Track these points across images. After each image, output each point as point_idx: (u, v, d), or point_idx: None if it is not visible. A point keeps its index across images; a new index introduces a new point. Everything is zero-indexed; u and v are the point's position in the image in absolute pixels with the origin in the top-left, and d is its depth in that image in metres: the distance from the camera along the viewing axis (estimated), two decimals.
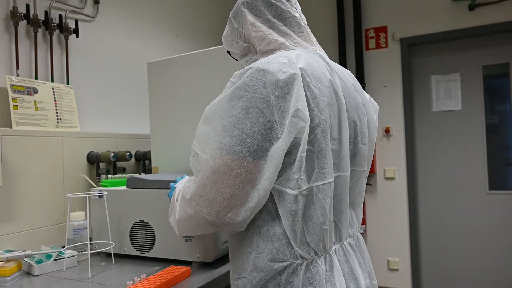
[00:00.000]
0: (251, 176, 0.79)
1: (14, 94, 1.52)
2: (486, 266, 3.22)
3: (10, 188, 1.44)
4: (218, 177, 0.80)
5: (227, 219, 0.82)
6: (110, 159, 1.73)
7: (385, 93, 3.44)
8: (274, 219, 0.83)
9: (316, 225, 0.84)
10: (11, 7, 1.56)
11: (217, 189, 0.81)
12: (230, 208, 0.81)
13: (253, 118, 0.79)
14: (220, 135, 0.81)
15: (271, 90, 0.79)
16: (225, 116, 0.81)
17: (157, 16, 2.44)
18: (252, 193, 0.80)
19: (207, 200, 0.82)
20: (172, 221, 1.01)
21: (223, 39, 1.07)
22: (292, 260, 0.82)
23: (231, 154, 0.79)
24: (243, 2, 1.00)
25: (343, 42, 3.49)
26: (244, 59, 1.03)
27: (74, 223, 1.41)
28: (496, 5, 3.07)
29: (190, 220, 0.90)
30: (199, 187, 0.84)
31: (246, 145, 0.78)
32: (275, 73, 0.80)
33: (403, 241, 3.37)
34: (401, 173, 3.39)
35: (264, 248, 0.83)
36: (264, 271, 0.82)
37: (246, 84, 0.81)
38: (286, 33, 0.96)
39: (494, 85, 3.28)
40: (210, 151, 0.81)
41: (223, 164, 0.79)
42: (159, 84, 1.73)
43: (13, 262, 1.19)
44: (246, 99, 0.80)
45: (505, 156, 3.24)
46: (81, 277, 1.19)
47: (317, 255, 0.85)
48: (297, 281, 0.81)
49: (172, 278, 1.08)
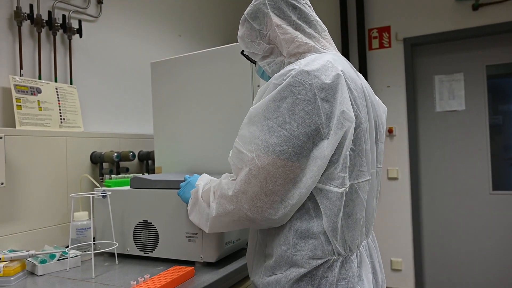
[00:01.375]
0: (294, 174, 0.82)
1: (17, 94, 1.52)
2: (490, 267, 3.20)
3: (14, 188, 1.45)
4: (262, 176, 0.82)
5: (267, 214, 0.84)
6: (114, 159, 1.73)
7: (388, 93, 3.43)
8: (313, 218, 0.86)
9: (355, 221, 0.89)
10: (15, 7, 1.56)
11: (260, 186, 0.83)
12: (271, 204, 0.83)
13: (299, 119, 0.81)
14: (266, 135, 0.82)
15: (317, 92, 0.81)
16: (270, 116, 0.83)
17: (160, 16, 2.44)
18: (293, 190, 0.83)
19: (249, 197, 0.84)
20: (196, 218, 1.02)
21: (240, 39, 1.06)
22: (329, 256, 0.86)
23: (276, 154, 0.81)
24: (263, 2, 0.99)
25: (346, 42, 3.49)
26: (266, 60, 1.03)
27: (78, 223, 1.41)
28: (500, 5, 3.05)
29: (228, 216, 0.90)
30: (243, 185, 0.85)
31: (291, 145, 0.81)
32: (319, 75, 0.82)
33: (406, 241, 3.36)
34: (404, 173, 3.38)
35: (303, 246, 0.86)
36: (303, 268, 0.85)
37: (291, 85, 0.82)
38: (313, 36, 0.98)
39: (498, 85, 3.27)
40: (256, 150, 0.83)
41: (269, 163, 0.81)
42: (162, 84, 1.73)
43: (16, 262, 1.19)
44: (291, 100, 0.82)
45: (508, 156, 3.23)
46: (84, 277, 1.19)
47: (351, 251, 0.89)
48: (332, 277, 0.85)
49: (175, 278, 1.08)
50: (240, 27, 1.05)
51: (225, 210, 0.90)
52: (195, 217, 1.04)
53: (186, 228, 1.26)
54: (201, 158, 1.63)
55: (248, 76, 1.53)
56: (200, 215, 1.01)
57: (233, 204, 0.88)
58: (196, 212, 1.03)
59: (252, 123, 0.86)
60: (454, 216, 3.34)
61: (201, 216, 1.00)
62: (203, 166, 1.62)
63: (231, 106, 1.56)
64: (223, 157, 1.58)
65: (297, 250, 0.86)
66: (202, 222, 1.01)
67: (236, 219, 0.89)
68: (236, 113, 1.55)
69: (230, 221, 0.91)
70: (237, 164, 0.88)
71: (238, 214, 0.88)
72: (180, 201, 1.27)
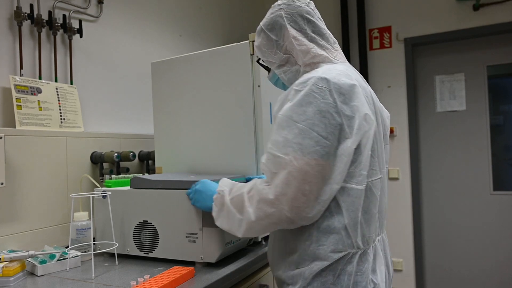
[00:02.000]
0: (325, 172, 0.90)
1: (18, 94, 1.52)
2: (490, 267, 3.20)
3: (14, 188, 1.44)
4: (300, 176, 0.88)
5: (304, 213, 0.90)
6: (114, 159, 1.73)
7: (389, 93, 3.43)
8: (333, 215, 0.94)
9: (371, 216, 0.98)
10: (15, 7, 1.56)
11: (298, 187, 0.88)
12: (308, 203, 0.89)
13: (326, 121, 0.89)
14: (299, 137, 0.89)
15: (336, 96, 0.91)
16: (299, 119, 0.90)
17: (161, 16, 2.44)
18: (325, 187, 0.90)
19: (289, 198, 0.89)
20: (225, 223, 1.05)
21: (257, 49, 1.15)
22: (349, 249, 0.94)
23: (311, 154, 0.88)
24: (280, 15, 1.08)
25: (347, 42, 3.48)
26: (282, 69, 1.12)
27: (78, 223, 1.41)
28: (501, 5, 3.05)
29: (268, 219, 0.94)
30: (284, 186, 0.89)
31: (322, 145, 0.88)
32: (337, 82, 0.92)
33: (407, 241, 3.36)
34: (405, 173, 3.38)
35: (325, 241, 0.94)
36: (326, 261, 0.93)
37: (313, 91, 0.91)
38: (326, 48, 1.08)
39: (499, 85, 3.26)
40: (292, 152, 0.89)
41: (305, 163, 0.88)
42: (162, 84, 1.73)
43: (16, 262, 1.18)
44: (316, 105, 0.90)
45: (509, 157, 3.22)
46: (84, 277, 1.19)
47: (368, 245, 0.98)
48: (351, 269, 0.94)
49: (175, 279, 1.08)
50: (257, 37, 1.14)
51: (265, 213, 0.93)
52: (223, 223, 1.06)
53: (186, 228, 1.26)
54: (201, 158, 1.63)
55: (248, 76, 1.52)
56: (231, 221, 1.03)
57: (274, 206, 0.91)
58: (224, 218, 1.05)
59: (282, 128, 0.92)
60: (454, 216, 3.33)
61: (232, 222, 1.02)
62: (203, 166, 1.62)
63: (232, 106, 1.56)
64: (223, 157, 1.58)
65: (320, 245, 0.94)
66: (234, 227, 1.02)
67: (275, 221, 0.93)
68: (236, 113, 1.55)
69: (268, 224, 0.95)
70: (272, 169, 0.93)
71: (278, 216, 0.91)
72: (180, 202, 1.27)
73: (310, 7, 1.11)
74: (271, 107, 1.57)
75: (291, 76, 1.11)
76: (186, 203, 1.26)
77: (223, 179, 1.15)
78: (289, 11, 1.08)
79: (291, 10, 1.08)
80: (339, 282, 0.93)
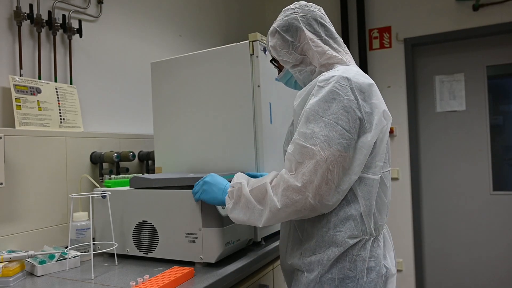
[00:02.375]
0: (346, 163, 0.97)
1: (17, 94, 1.52)
2: (490, 267, 3.20)
3: (13, 188, 1.44)
4: (326, 166, 0.95)
5: (325, 201, 0.97)
6: (113, 159, 1.73)
7: (389, 93, 3.43)
8: (350, 203, 1.02)
9: (383, 205, 1.07)
10: (15, 7, 1.56)
11: (323, 176, 0.95)
12: (329, 191, 0.96)
13: (349, 116, 0.97)
14: (325, 130, 0.97)
15: (357, 94, 0.99)
16: (324, 114, 0.98)
17: (161, 16, 2.44)
18: (344, 177, 0.98)
19: (315, 186, 0.95)
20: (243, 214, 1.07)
21: (272, 49, 1.20)
22: (363, 236, 1.02)
23: (336, 146, 0.95)
24: (296, 18, 1.15)
25: (346, 42, 3.48)
26: (297, 68, 1.18)
27: (77, 223, 1.41)
28: (501, 5, 3.05)
29: (293, 206, 0.98)
30: (312, 175, 0.95)
31: (345, 138, 0.96)
32: (356, 81, 1.01)
33: (406, 241, 3.36)
34: (405, 173, 3.38)
35: (342, 227, 1.01)
36: (342, 246, 1.00)
37: (337, 88, 0.99)
38: (338, 50, 1.16)
39: (498, 85, 3.26)
40: (319, 143, 0.96)
41: (331, 154, 0.95)
42: (162, 84, 1.73)
43: (16, 263, 1.18)
44: (339, 101, 0.98)
45: (509, 157, 3.22)
46: (84, 277, 1.19)
47: (379, 232, 1.06)
48: (365, 254, 1.01)
49: (175, 279, 1.07)
50: (271, 37, 1.20)
51: (292, 200, 0.97)
52: (240, 214, 1.08)
53: (186, 228, 1.25)
54: (201, 158, 1.63)
55: (248, 76, 1.52)
56: (250, 211, 1.06)
57: (301, 194, 0.96)
58: (242, 209, 1.08)
59: (309, 121, 0.99)
60: (454, 216, 3.33)
61: (252, 212, 1.06)
62: (203, 166, 1.62)
63: (231, 106, 1.56)
64: (223, 157, 1.58)
65: (337, 231, 1.01)
66: (254, 217, 1.06)
67: (299, 208, 0.97)
68: (236, 113, 1.55)
69: (292, 211, 0.99)
70: (298, 159, 0.98)
71: (303, 204, 0.96)
72: (180, 202, 1.27)
73: (321, 12, 1.19)
74: (270, 107, 1.57)
75: (306, 75, 1.17)
76: (186, 203, 1.26)
77: (239, 173, 1.19)
78: (304, 15, 1.15)
79: (306, 14, 1.15)
80: (355, 267, 1.00)
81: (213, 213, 1.23)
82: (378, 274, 1.02)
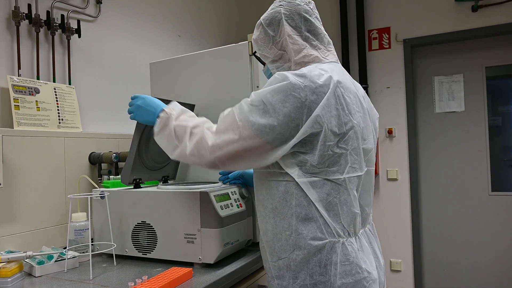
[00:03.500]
0: (260, 153, 0.97)
1: (15, 94, 1.52)
2: (489, 268, 3.20)
3: (12, 188, 1.44)
4: (239, 144, 0.97)
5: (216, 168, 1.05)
6: (112, 159, 1.72)
7: (388, 94, 3.43)
8: (310, 204, 0.98)
9: (349, 209, 1.01)
10: (13, 7, 1.55)
11: (235, 149, 0.98)
12: (230, 162, 1.01)
13: (289, 111, 0.94)
14: (258, 113, 0.95)
15: (308, 94, 0.94)
16: (267, 100, 0.95)
17: (160, 16, 2.44)
18: (253, 163, 1.01)
19: (222, 153, 1.00)
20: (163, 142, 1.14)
21: (254, 42, 1.17)
22: (330, 238, 0.98)
23: (256, 132, 0.95)
24: (279, 11, 1.11)
25: (346, 43, 3.48)
26: (275, 64, 1.15)
27: (76, 224, 1.41)
28: (499, 7, 3.05)
29: (197, 158, 1.06)
30: (225, 143, 0.99)
31: (272, 128, 0.94)
32: (314, 81, 0.95)
33: (405, 242, 3.36)
34: (403, 174, 3.38)
35: (304, 230, 0.98)
36: (306, 249, 0.98)
37: (289, 83, 0.95)
38: (318, 48, 1.10)
39: (497, 86, 3.27)
40: (244, 121, 0.96)
41: (248, 136, 0.96)
42: (161, 85, 1.73)
43: (14, 263, 1.18)
44: (285, 94, 0.94)
45: (507, 157, 3.23)
46: (82, 278, 1.18)
47: (350, 236, 1.01)
48: (336, 258, 0.97)
49: (174, 280, 1.07)
50: (256, 30, 1.16)
51: (199, 153, 1.03)
52: (161, 141, 1.15)
53: (185, 229, 1.25)
54: None
55: (247, 77, 1.52)
56: (169, 141, 1.12)
57: (208, 152, 1.01)
58: (164, 137, 1.14)
59: (252, 100, 0.98)
60: (453, 217, 3.34)
61: (169, 143, 1.12)
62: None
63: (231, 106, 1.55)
64: None
65: (299, 234, 0.98)
66: (169, 148, 1.12)
67: (201, 163, 1.05)
68: None
69: (197, 162, 1.06)
70: (222, 125, 1.02)
71: (207, 160, 1.03)
72: (179, 203, 1.27)
73: (309, 7, 1.13)
74: None
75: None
76: (185, 204, 1.26)
77: (174, 102, 1.21)
78: (288, 8, 1.10)
79: (290, 8, 1.10)
80: (325, 272, 0.97)
81: (212, 213, 1.23)
82: (355, 278, 0.97)
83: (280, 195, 1.02)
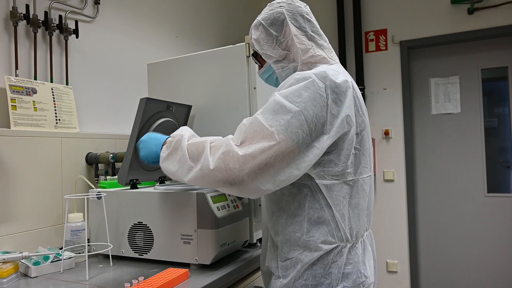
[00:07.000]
0: (294, 155, 0.92)
1: (12, 94, 1.51)
2: (485, 269, 3.22)
3: (8, 188, 1.44)
4: (274, 149, 0.91)
5: (258, 183, 0.94)
6: (109, 160, 1.72)
7: (384, 95, 3.44)
8: (323, 208, 0.99)
9: (361, 211, 1.04)
10: (11, 7, 1.55)
11: (267, 158, 0.91)
12: (266, 176, 0.93)
13: (316, 110, 0.93)
14: (288, 115, 0.92)
15: (329, 92, 0.95)
16: (293, 100, 0.94)
17: (157, 17, 2.44)
18: (286, 169, 0.93)
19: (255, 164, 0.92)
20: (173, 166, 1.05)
21: (255, 42, 1.15)
22: (339, 242, 1.00)
23: (291, 134, 0.91)
24: (281, 12, 1.11)
25: (343, 45, 3.50)
26: (280, 64, 1.14)
27: (72, 224, 1.40)
28: (495, 9, 3.07)
29: (225, 173, 0.95)
30: (257, 152, 0.92)
31: (303, 130, 0.92)
32: (333, 80, 0.96)
33: (402, 243, 3.37)
34: (400, 175, 3.39)
35: (316, 232, 0.99)
36: (316, 252, 0.99)
37: (313, 81, 0.95)
38: (324, 47, 1.12)
39: (493, 88, 3.29)
40: (277, 126, 0.92)
41: (284, 140, 0.91)
42: (158, 85, 1.73)
43: (10, 264, 1.18)
44: (312, 93, 0.94)
45: (503, 159, 3.24)
46: (78, 279, 1.18)
47: (357, 239, 1.03)
48: (341, 261, 0.99)
49: (170, 281, 1.07)
50: (254, 30, 1.15)
51: (226, 166, 0.94)
52: (171, 166, 1.06)
53: (181, 230, 1.26)
54: None
55: (244, 78, 1.53)
56: (180, 165, 1.04)
57: (239, 163, 0.92)
58: (174, 161, 1.06)
59: (275, 102, 0.95)
60: (449, 218, 3.35)
61: (182, 166, 1.03)
62: None
63: (227, 108, 1.56)
64: None
65: (310, 236, 0.99)
66: (182, 171, 1.03)
67: (230, 179, 0.94)
68: (232, 115, 1.55)
69: (221, 178, 0.95)
70: (248, 134, 0.95)
71: (235, 175, 0.93)
72: (175, 203, 1.27)
73: (308, 9, 1.15)
74: None
75: (288, 72, 1.13)
76: (181, 205, 1.26)
77: (184, 127, 1.17)
78: (289, 9, 1.11)
79: (292, 9, 1.11)
80: (329, 274, 0.98)
81: (209, 214, 1.23)
82: (354, 282, 0.99)
83: (294, 196, 1.02)
